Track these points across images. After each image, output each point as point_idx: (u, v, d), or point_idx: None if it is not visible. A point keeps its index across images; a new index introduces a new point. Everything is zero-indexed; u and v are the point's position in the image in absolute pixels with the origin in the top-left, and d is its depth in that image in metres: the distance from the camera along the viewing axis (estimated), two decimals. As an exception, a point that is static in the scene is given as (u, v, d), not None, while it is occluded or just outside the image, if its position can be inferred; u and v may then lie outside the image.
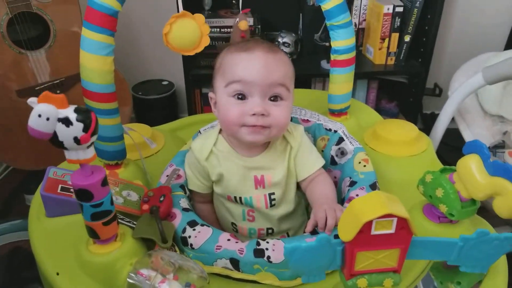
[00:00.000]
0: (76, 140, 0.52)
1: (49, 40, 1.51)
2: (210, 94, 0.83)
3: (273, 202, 0.83)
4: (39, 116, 0.50)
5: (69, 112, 0.51)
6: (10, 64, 1.46)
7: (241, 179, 0.81)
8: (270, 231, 0.85)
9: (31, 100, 0.50)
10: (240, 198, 0.82)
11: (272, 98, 0.76)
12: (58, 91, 1.53)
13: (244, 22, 1.19)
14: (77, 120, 0.51)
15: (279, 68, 0.76)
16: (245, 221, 0.85)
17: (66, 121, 0.51)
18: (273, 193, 0.82)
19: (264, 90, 0.74)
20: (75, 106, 0.52)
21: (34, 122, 0.50)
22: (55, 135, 0.51)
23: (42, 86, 1.51)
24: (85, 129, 0.52)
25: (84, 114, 0.52)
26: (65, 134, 0.52)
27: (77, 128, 0.51)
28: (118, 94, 0.83)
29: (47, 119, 0.50)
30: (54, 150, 0.54)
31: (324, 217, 0.70)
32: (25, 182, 1.70)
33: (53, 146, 0.53)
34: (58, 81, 1.54)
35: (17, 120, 1.47)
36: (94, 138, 0.54)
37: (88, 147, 0.54)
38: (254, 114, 0.74)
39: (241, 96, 0.75)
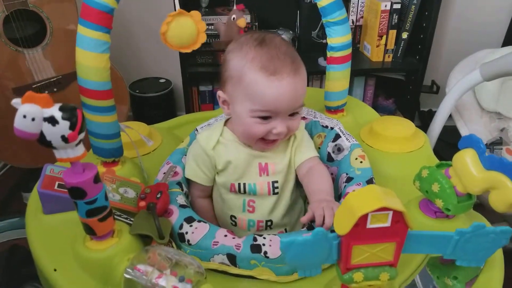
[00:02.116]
0: (64, 139, 0.51)
1: (46, 38, 1.50)
2: (219, 93, 0.83)
3: (276, 190, 0.84)
4: (24, 117, 0.49)
5: (54, 111, 0.50)
6: (7, 62, 1.46)
7: (246, 165, 0.84)
8: (269, 223, 0.86)
9: (15, 101, 0.49)
10: (244, 184, 0.84)
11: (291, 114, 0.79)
12: (55, 89, 1.53)
13: (243, 20, 1.19)
14: (63, 118, 0.50)
15: (303, 91, 0.79)
16: (245, 212, 0.86)
17: (52, 120, 0.50)
18: (277, 181, 0.84)
19: (288, 112, 0.78)
20: (60, 104, 0.51)
21: (19, 123, 0.49)
22: (42, 135, 0.51)
23: (39, 84, 1.51)
24: (72, 127, 0.51)
25: (70, 112, 0.51)
26: (52, 133, 0.51)
27: (64, 126, 0.51)
28: (116, 92, 0.83)
29: (33, 119, 0.49)
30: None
31: (322, 215, 0.71)
32: (23, 180, 1.70)
33: (42, 146, 0.52)
34: (55, 79, 1.53)
35: (14, 118, 1.46)
36: (82, 136, 0.53)
37: (76, 144, 0.54)
38: (278, 133, 0.78)
39: (266, 117, 0.78)
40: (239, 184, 0.84)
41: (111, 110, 0.83)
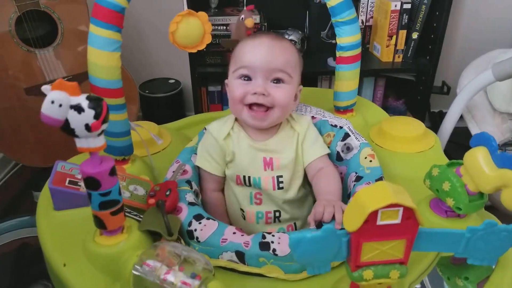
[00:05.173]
0: (87, 127, 0.53)
1: (57, 38, 1.52)
2: (226, 81, 0.89)
3: (280, 185, 0.85)
4: (52, 102, 0.50)
5: (81, 99, 0.52)
6: (19, 62, 1.48)
7: (251, 159, 0.85)
8: (277, 214, 0.86)
9: (45, 87, 0.51)
10: (249, 178, 0.85)
11: (274, 81, 0.83)
12: (66, 89, 1.55)
13: (250, 20, 1.19)
14: (89, 107, 0.52)
15: (282, 55, 0.83)
16: (253, 204, 0.87)
17: (78, 108, 0.52)
18: (281, 176, 0.85)
19: (266, 73, 0.82)
20: (87, 94, 0.53)
21: (47, 108, 0.50)
22: (66, 122, 0.52)
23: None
24: (96, 116, 0.53)
25: (96, 102, 0.53)
26: (77, 121, 0.52)
27: (89, 115, 0.52)
28: (126, 92, 0.84)
29: (60, 105, 0.51)
30: (62, 147, 0.55)
31: (322, 212, 0.72)
32: (33, 179, 1.72)
33: (65, 134, 0.53)
34: (65, 79, 1.54)
35: (25, 118, 1.48)
36: (104, 126, 0.54)
37: (98, 135, 0.55)
38: (255, 93, 0.81)
39: (247, 78, 0.83)
40: (244, 176, 0.86)
41: (122, 108, 0.83)
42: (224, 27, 1.71)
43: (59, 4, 1.51)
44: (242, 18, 1.20)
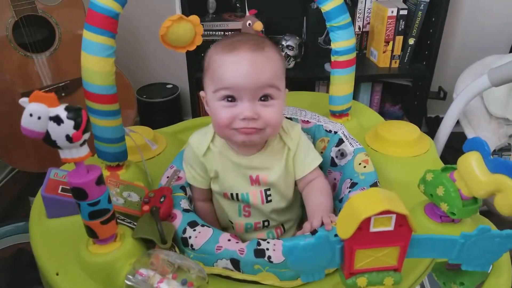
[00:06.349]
0: (68, 138, 0.52)
1: (55, 43, 1.52)
2: (201, 93, 0.81)
3: (269, 198, 0.83)
4: (31, 115, 0.50)
5: (60, 110, 0.51)
6: (16, 67, 1.48)
7: (236, 177, 0.82)
8: (266, 223, 0.85)
9: (23, 100, 0.50)
10: (237, 194, 0.82)
11: (262, 99, 0.74)
12: (63, 94, 1.54)
13: (259, 23, 1.19)
14: (68, 118, 0.51)
15: (267, 68, 0.73)
16: (241, 217, 0.85)
17: (57, 120, 0.51)
18: (269, 189, 0.82)
19: (253, 93, 0.72)
20: (66, 104, 0.52)
21: (26, 121, 0.50)
22: (47, 134, 0.52)
23: (47, 89, 1.52)
24: (76, 127, 0.52)
25: (75, 112, 0.52)
26: (57, 133, 0.52)
27: (68, 126, 0.52)
28: (123, 97, 0.83)
29: (39, 118, 0.50)
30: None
31: (309, 226, 0.72)
32: (30, 185, 1.71)
33: (48, 146, 0.53)
34: (63, 83, 1.55)
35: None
36: (86, 136, 0.54)
37: (81, 145, 0.55)
38: (244, 119, 0.73)
39: (231, 99, 0.73)
40: (231, 193, 0.83)
41: (116, 114, 0.83)
42: (222, 33, 1.70)
43: (56, 9, 1.51)
44: (250, 23, 1.19)
